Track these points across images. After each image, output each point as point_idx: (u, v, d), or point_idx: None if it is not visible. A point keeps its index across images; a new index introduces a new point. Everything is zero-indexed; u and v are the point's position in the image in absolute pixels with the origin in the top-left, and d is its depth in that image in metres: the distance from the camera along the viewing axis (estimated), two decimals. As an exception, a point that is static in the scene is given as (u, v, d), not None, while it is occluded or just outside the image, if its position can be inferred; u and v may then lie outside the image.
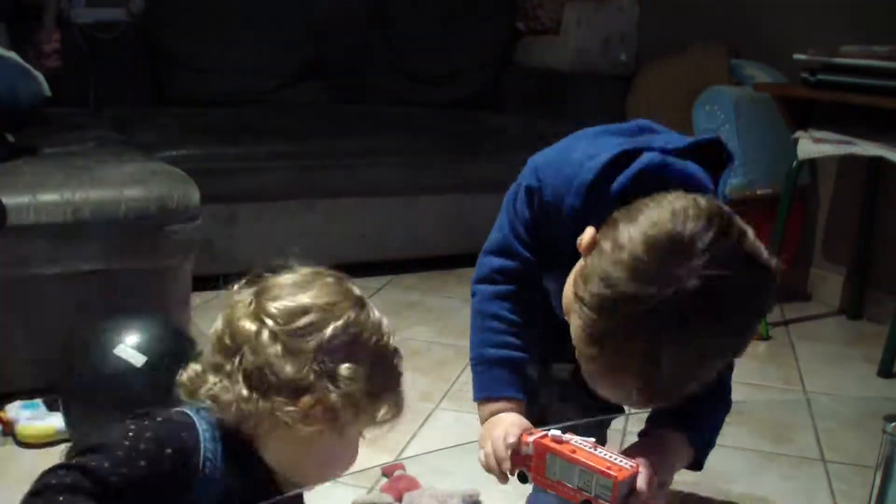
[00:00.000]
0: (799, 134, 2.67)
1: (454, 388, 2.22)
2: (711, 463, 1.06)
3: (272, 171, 2.92)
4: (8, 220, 1.91)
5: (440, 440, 1.89)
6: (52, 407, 1.89)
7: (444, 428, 1.97)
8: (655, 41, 3.63)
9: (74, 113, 2.91)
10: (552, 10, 3.74)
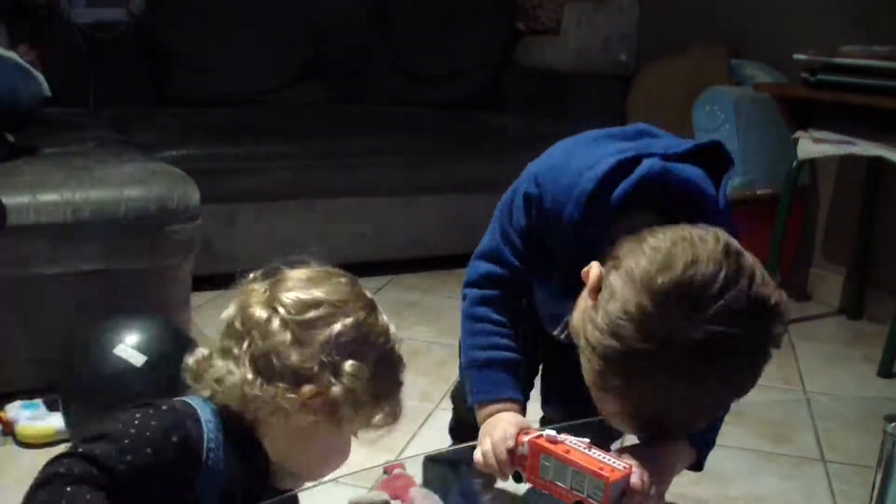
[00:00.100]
0: (799, 134, 2.67)
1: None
2: (711, 463, 1.06)
3: (272, 171, 2.92)
4: (8, 220, 1.91)
5: (440, 440, 1.88)
6: (52, 407, 1.89)
7: (444, 428, 1.96)
8: (655, 41, 3.63)
9: (74, 113, 2.91)
10: (552, 10, 3.74)
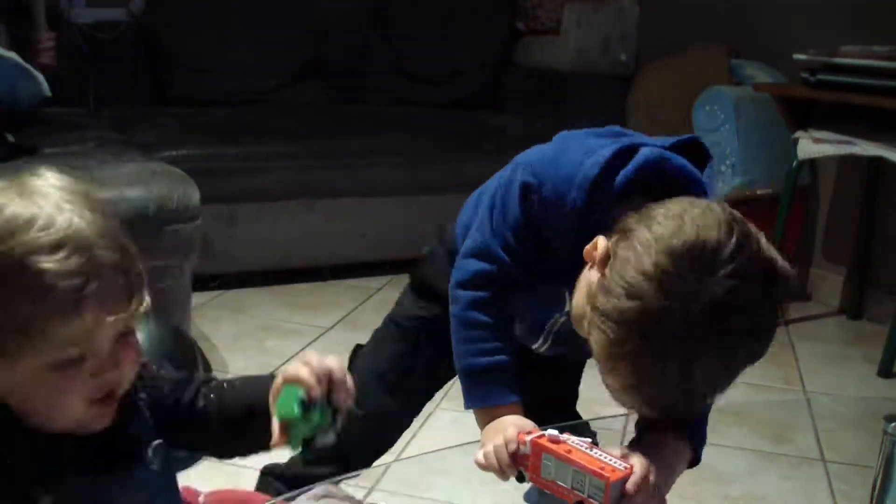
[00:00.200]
0: (799, 134, 2.67)
1: (454, 388, 2.21)
2: (711, 463, 1.06)
3: (272, 171, 2.92)
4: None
5: (440, 440, 1.88)
6: (52, 407, 1.89)
7: (443, 428, 1.97)
8: (655, 41, 3.63)
9: (74, 113, 2.91)
10: (552, 10, 3.74)
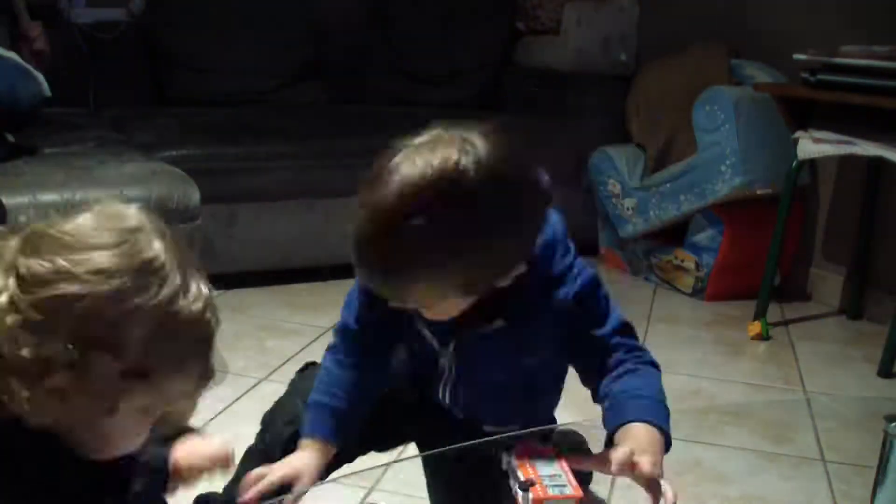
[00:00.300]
0: (799, 134, 2.67)
1: (454, 388, 2.22)
2: (711, 463, 1.06)
3: (272, 171, 2.92)
4: (8, 220, 1.91)
5: (440, 440, 1.89)
6: (52, 407, 1.89)
7: (444, 428, 1.96)
8: (655, 41, 3.64)
9: (74, 113, 2.92)
10: (552, 10, 3.74)
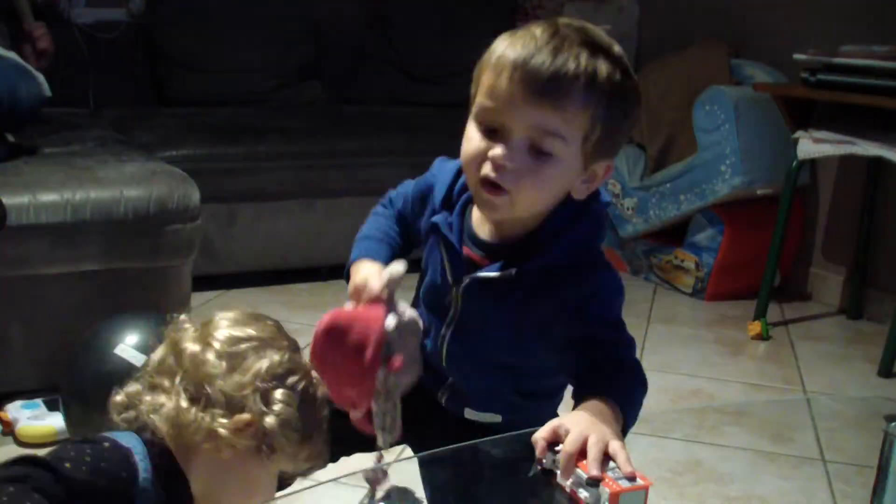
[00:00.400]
0: (799, 134, 2.67)
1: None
2: (711, 463, 1.06)
3: (272, 171, 2.92)
4: (8, 220, 1.91)
5: (440, 440, 1.88)
6: (52, 407, 1.89)
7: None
8: (655, 41, 3.64)
9: (74, 113, 2.92)
10: (552, 10, 3.74)
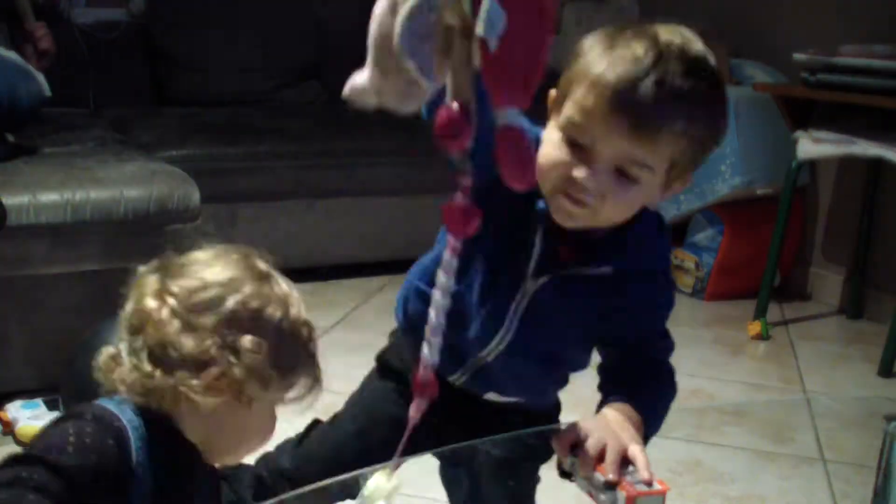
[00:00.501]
0: (799, 134, 2.67)
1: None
2: (711, 463, 1.06)
3: (272, 171, 2.92)
4: (8, 220, 1.91)
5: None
6: (52, 407, 1.89)
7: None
8: (655, 41, 3.63)
9: (74, 113, 2.92)
10: (552, 10, 3.74)
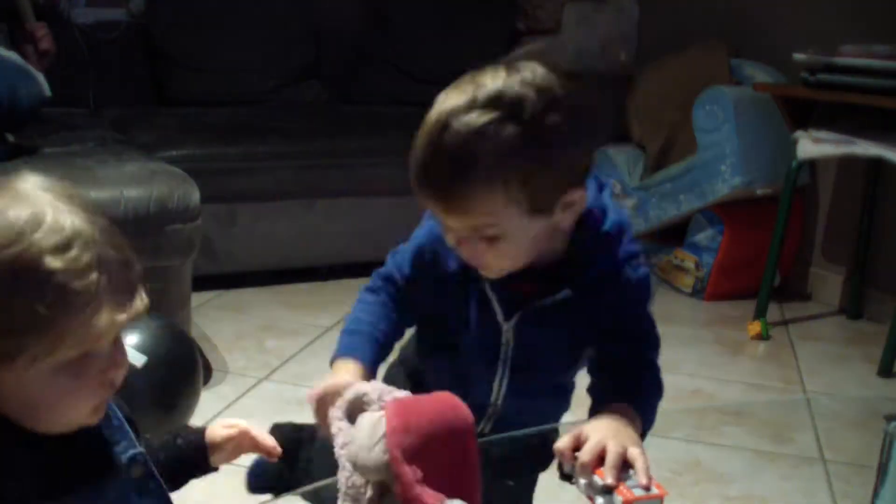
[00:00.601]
0: (799, 134, 2.67)
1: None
2: (711, 463, 1.06)
3: (272, 171, 2.92)
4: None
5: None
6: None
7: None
8: (655, 41, 3.64)
9: (74, 113, 2.92)
10: (552, 10, 3.74)
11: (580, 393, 1.17)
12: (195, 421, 1.89)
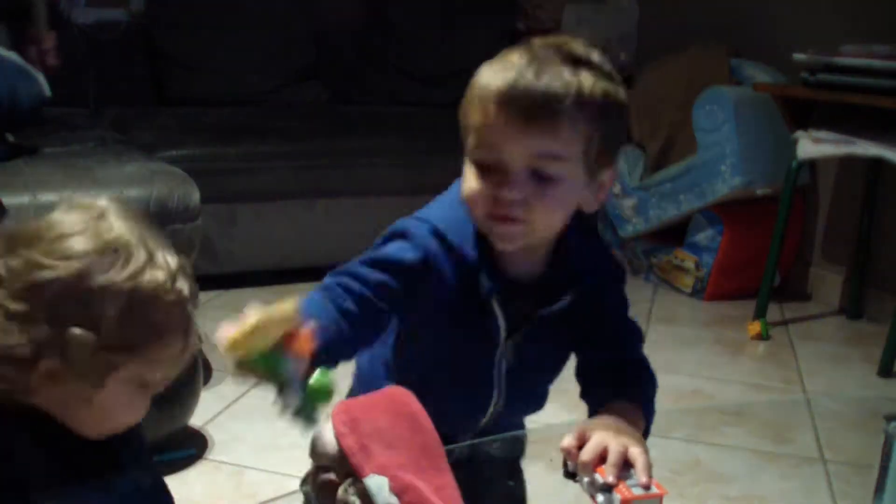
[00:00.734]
0: (799, 134, 2.67)
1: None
2: (711, 463, 1.06)
3: (272, 171, 2.92)
4: (8, 220, 1.90)
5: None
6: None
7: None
8: (655, 41, 3.64)
9: (74, 113, 2.91)
10: (552, 10, 3.74)
11: (577, 394, 1.17)
12: (195, 421, 1.89)
